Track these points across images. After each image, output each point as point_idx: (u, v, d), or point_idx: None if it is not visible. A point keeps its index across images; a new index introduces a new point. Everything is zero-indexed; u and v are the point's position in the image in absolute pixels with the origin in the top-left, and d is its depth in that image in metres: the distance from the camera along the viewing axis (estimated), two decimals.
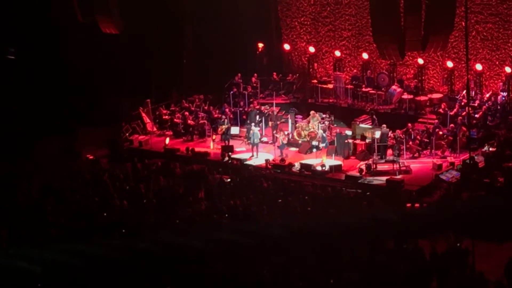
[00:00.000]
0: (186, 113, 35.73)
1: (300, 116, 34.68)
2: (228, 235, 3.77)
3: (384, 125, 32.48)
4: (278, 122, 34.24)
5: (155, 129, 35.67)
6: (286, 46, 39.61)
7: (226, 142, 33.38)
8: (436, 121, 33.04)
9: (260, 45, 39.50)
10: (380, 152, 31.07)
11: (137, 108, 35.73)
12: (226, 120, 34.25)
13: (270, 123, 34.25)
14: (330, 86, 37.34)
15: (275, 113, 34.98)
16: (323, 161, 31.09)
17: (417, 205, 26.61)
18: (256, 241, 3.83)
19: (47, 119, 34.64)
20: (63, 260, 3.52)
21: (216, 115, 35.47)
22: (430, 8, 31.31)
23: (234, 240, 3.77)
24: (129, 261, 3.67)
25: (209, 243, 3.74)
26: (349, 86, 36.86)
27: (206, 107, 36.51)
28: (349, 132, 32.76)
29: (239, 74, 37.83)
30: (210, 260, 3.83)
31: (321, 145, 32.26)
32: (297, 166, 31.20)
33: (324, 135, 32.46)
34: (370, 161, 30.64)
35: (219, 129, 33.92)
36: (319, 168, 30.64)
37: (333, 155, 31.59)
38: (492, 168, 29.34)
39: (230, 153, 32.11)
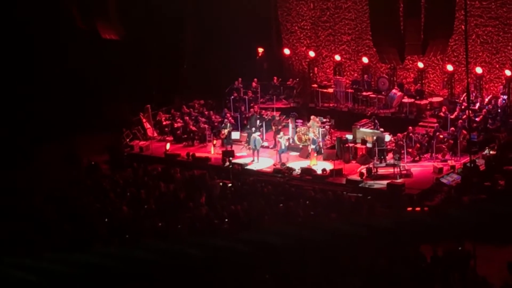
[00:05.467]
0: (187, 118, 35.70)
1: (301, 121, 34.65)
2: (228, 243, 3.73)
3: (382, 129, 32.51)
4: (280, 127, 34.21)
5: (155, 134, 35.65)
6: (286, 51, 39.60)
7: (229, 147, 33.34)
8: (437, 124, 33.01)
9: (260, 49, 39.51)
10: (379, 156, 31.01)
11: (138, 114, 35.71)
12: (228, 124, 34.18)
13: (273, 127, 34.21)
14: (331, 90, 37.33)
15: (277, 117, 34.93)
16: (310, 164, 31.18)
17: (418, 208, 26.62)
18: (256, 248, 3.79)
19: (47, 126, 34.55)
20: (59, 269, 3.49)
21: (216, 120, 35.43)
22: (429, 12, 31.33)
23: (234, 248, 3.73)
24: (127, 270, 3.63)
25: (209, 251, 3.71)
26: (349, 90, 36.86)
27: (206, 112, 36.47)
28: (349, 136, 32.73)
29: (240, 79, 37.80)
30: (211, 268, 3.80)
31: (311, 147, 32.16)
32: (297, 170, 31.18)
33: (313, 137, 32.35)
34: (371, 165, 30.60)
35: (222, 132, 33.86)
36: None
37: (333, 159, 31.55)
38: (493, 171, 29.30)
39: (231, 158, 32.06)
